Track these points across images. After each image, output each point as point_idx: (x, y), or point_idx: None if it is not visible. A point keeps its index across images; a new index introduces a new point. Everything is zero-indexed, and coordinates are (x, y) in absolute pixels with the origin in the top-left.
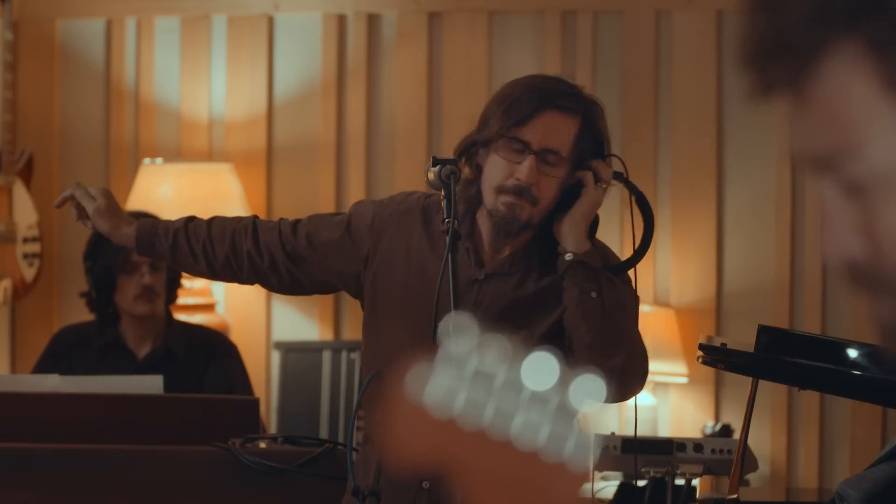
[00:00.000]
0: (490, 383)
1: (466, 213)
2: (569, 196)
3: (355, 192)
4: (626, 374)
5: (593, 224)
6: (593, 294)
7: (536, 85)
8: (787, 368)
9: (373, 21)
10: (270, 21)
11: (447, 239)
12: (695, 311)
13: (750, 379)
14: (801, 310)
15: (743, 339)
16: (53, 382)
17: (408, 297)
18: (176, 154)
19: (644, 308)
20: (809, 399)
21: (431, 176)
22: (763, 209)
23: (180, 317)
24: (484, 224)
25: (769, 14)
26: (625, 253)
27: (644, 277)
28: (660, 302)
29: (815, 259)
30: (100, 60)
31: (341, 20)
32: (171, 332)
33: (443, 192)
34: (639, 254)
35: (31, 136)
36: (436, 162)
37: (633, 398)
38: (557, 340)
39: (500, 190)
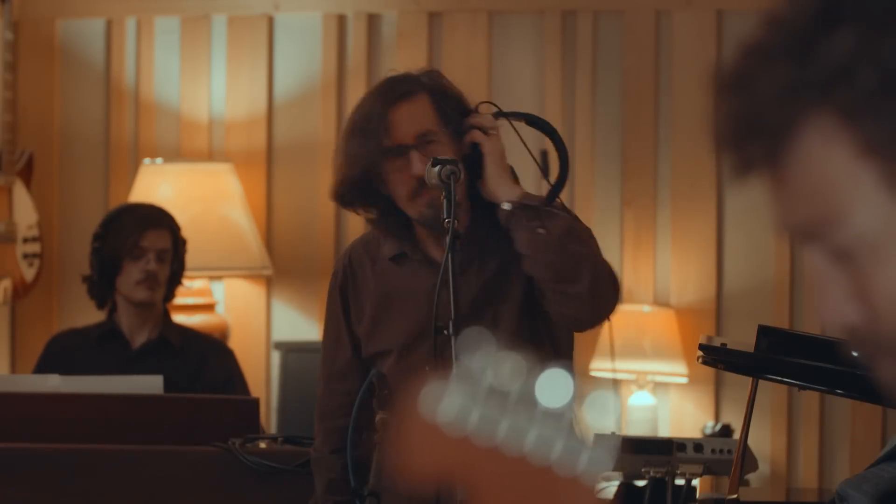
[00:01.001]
0: (503, 400)
1: (403, 236)
2: (476, 164)
3: None
4: (596, 294)
5: (512, 173)
6: (540, 230)
7: (370, 97)
8: (787, 368)
9: (373, 21)
10: (270, 21)
11: (447, 239)
12: (695, 311)
13: (750, 379)
14: (801, 310)
15: (743, 339)
16: (53, 382)
17: (387, 327)
18: (176, 154)
19: (644, 308)
20: (809, 399)
21: (431, 176)
22: (763, 209)
23: (179, 317)
24: (424, 232)
25: (739, 95)
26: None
27: (644, 277)
28: (660, 302)
29: None
30: (100, 60)
31: (341, 20)
32: (168, 323)
33: (443, 193)
34: (563, 173)
35: (31, 136)
36: (436, 162)
37: (632, 394)
38: (533, 300)
39: (413, 196)
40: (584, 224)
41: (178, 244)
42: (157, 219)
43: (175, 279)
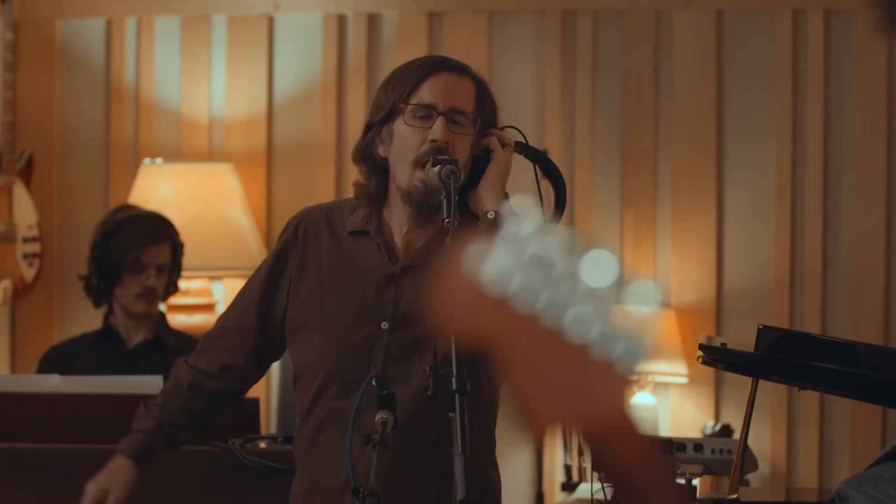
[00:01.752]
0: (548, 270)
1: (371, 212)
2: (478, 168)
3: None
4: None
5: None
6: None
7: (421, 59)
8: (787, 368)
9: (373, 21)
10: (270, 21)
11: (447, 239)
12: (695, 311)
13: (750, 379)
14: (801, 310)
15: (743, 339)
16: (53, 382)
17: (325, 301)
18: (176, 154)
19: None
20: (809, 399)
21: (431, 175)
22: (763, 209)
23: (179, 317)
24: (394, 218)
25: None
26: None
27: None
28: (660, 302)
29: (815, 259)
30: (100, 60)
31: (341, 20)
32: (163, 325)
33: (443, 193)
34: (559, 209)
35: (31, 136)
36: (436, 162)
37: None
38: None
39: (417, 162)
40: None
41: (176, 253)
42: (158, 233)
43: (172, 284)
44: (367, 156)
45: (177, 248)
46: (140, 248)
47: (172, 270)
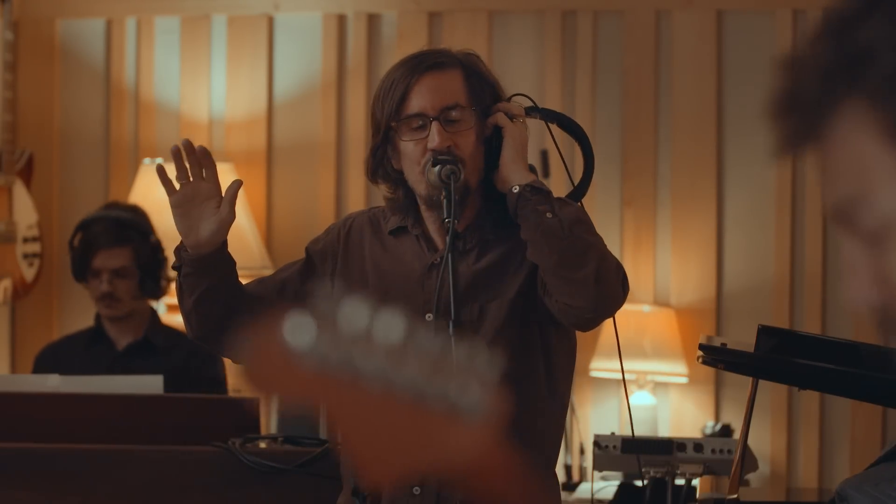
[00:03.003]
0: (368, 342)
1: (407, 215)
2: (494, 150)
3: (355, 192)
4: (602, 281)
5: (533, 171)
6: (549, 215)
7: (401, 63)
8: (787, 368)
9: (373, 21)
10: (270, 21)
11: (447, 238)
12: (695, 311)
13: (750, 379)
14: (801, 310)
15: (743, 339)
16: (53, 382)
17: (368, 294)
18: None
19: (644, 308)
20: (809, 399)
21: (431, 176)
22: (763, 209)
23: (178, 317)
24: (429, 219)
25: (789, 75)
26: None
27: (644, 277)
28: (660, 302)
29: (815, 259)
30: (100, 60)
31: (341, 20)
32: (153, 325)
33: (443, 193)
34: (586, 177)
35: (31, 136)
36: (436, 162)
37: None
38: (528, 301)
39: (423, 171)
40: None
41: (140, 255)
42: (109, 238)
43: (151, 283)
44: (383, 173)
45: (141, 248)
46: (90, 255)
47: (145, 270)
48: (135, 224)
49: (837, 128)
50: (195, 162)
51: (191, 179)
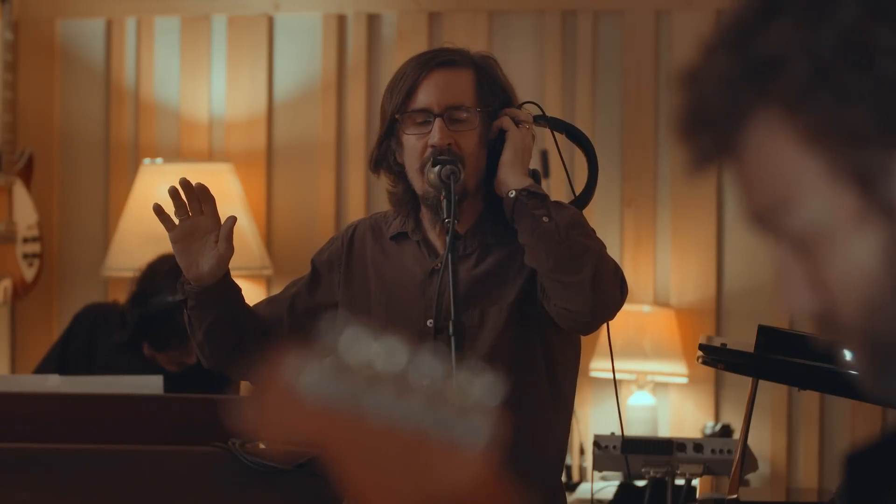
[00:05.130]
0: (368, 374)
1: (409, 214)
2: (498, 154)
3: (355, 192)
4: (599, 284)
5: (536, 176)
6: (545, 219)
7: (415, 57)
8: (787, 368)
9: (373, 21)
10: (270, 21)
11: (447, 238)
12: (695, 311)
13: (750, 379)
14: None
15: (743, 339)
16: (53, 382)
17: (371, 305)
18: (176, 154)
19: (644, 308)
20: (809, 399)
21: (431, 176)
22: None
23: None
24: (426, 218)
25: (692, 91)
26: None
27: (644, 277)
28: (660, 302)
29: None
30: (100, 60)
31: (341, 20)
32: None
33: (443, 193)
34: (590, 184)
35: (31, 136)
36: (436, 162)
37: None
38: (528, 305)
39: (423, 168)
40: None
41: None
42: (184, 339)
43: None
44: (385, 165)
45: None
46: (168, 348)
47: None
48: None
49: (752, 138)
50: (193, 198)
51: (190, 215)
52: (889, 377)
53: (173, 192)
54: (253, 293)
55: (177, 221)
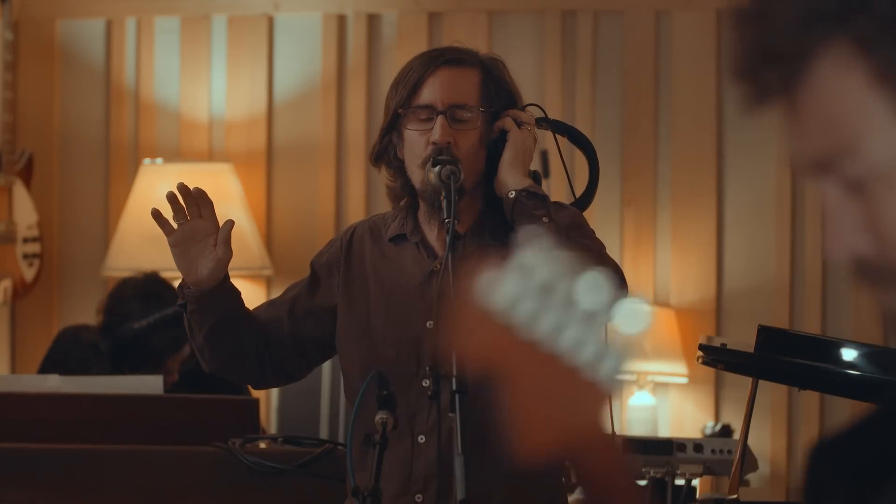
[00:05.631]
0: (550, 296)
1: (406, 214)
2: (499, 154)
3: (355, 192)
4: None
5: (536, 177)
6: (545, 219)
7: (423, 54)
8: (787, 368)
9: (373, 21)
10: (270, 21)
11: (447, 239)
12: (695, 311)
13: (750, 379)
14: (801, 310)
15: (743, 339)
16: (53, 382)
17: (371, 308)
18: (176, 154)
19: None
20: (809, 399)
21: (431, 176)
22: (763, 209)
23: None
24: (425, 218)
25: (758, 25)
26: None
27: (644, 277)
28: (660, 302)
29: (815, 259)
30: (100, 60)
31: (341, 20)
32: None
33: (443, 193)
34: (591, 188)
35: (31, 136)
36: (436, 162)
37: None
38: None
39: (423, 164)
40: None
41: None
42: (175, 344)
43: None
44: (386, 159)
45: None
46: (161, 363)
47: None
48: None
49: (819, 76)
50: (192, 202)
51: (188, 219)
52: None
53: (171, 198)
54: (253, 293)
55: (175, 226)
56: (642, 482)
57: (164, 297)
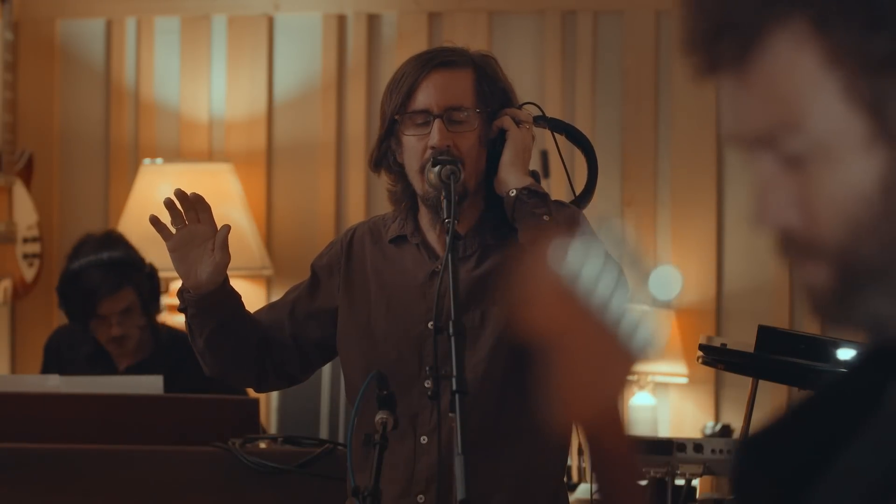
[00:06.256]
0: (607, 265)
1: (407, 216)
2: (498, 154)
3: (355, 192)
4: None
5: (535, 177)
6: (546, 217)
7: (415, 57)
8: (787, 368)
9: (373, 21)
10: (270, 21)
11: (447, 239)
12: (695, 311)
13: (750, 379)
14: (801, 310)
15: (743, 339)
16: (53, 382)
17: (372, 309)
18: (176, 154)
19: (644, 308)
20: None
21: (431, 176)
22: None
23: (179, 318)
24: (425, 220)
25: None
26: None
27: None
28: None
29: None
30: (100, 60)
31: (341, 20)
32: (158, 346)
33: (443, 193)
34: (590, 185)
35: (31, 136)
36: (436, 162)
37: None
38: None
39: (422, 169)
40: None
41: (143, 290)
42: (110, 284)
43: (154, 306)
44: (386, 164)
45: (142, 283)
46: (94, 303)
47: (147, 299)
48: (129, 261)
49: (772, 51)
50: (189, 207)
51: (186, 224)
52: (857, 299)
53: (169, 203)
54: (253, 293)
55: (174, 231)
56: (643, 482)
57: (117, 248)
